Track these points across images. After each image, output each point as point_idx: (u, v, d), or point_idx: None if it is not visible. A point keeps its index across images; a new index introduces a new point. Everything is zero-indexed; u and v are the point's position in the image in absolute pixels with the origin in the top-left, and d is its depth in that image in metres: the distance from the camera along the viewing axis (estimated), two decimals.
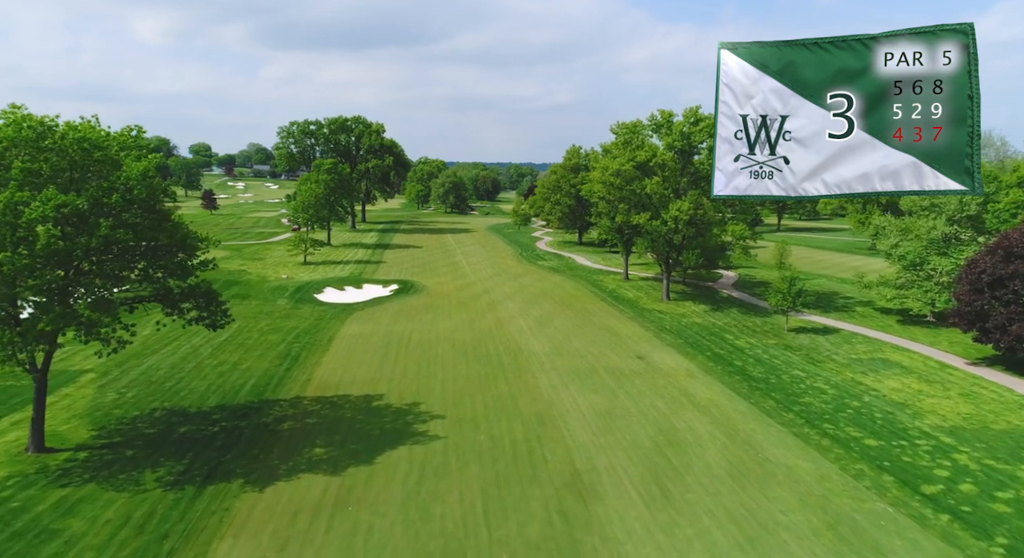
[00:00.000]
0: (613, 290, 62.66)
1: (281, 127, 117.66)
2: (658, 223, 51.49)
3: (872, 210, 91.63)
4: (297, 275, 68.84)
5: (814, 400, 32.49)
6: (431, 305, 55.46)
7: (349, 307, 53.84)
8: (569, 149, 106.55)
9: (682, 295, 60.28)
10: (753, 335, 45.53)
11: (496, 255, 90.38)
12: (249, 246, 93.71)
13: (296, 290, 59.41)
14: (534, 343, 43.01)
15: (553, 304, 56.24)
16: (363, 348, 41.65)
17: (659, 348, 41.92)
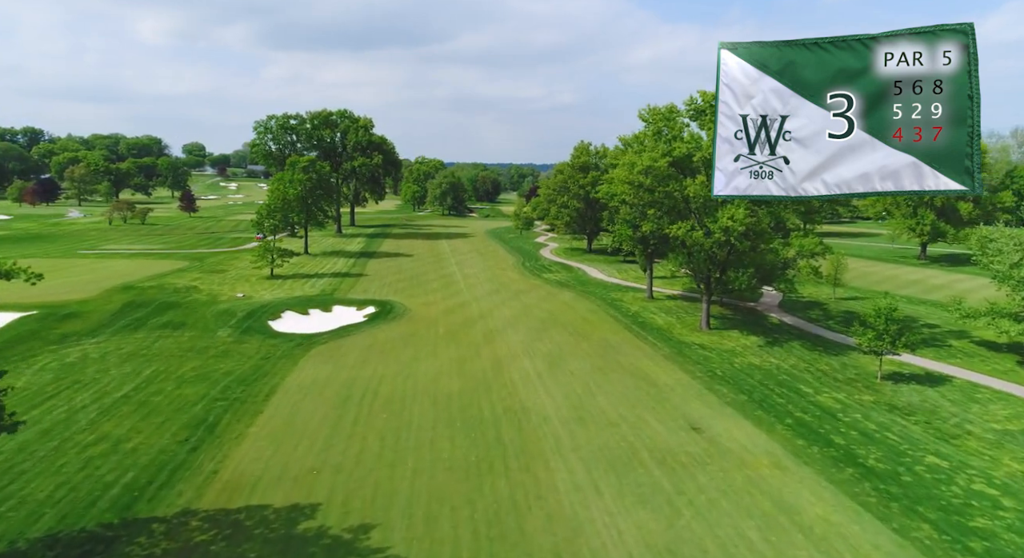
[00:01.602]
0: (637, 314, 51.33)
1: (258, 121, 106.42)
2: (700, 234, 40.10)
3: (925, 214, 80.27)
4: (257, 293, 57.51)
5: (995, 526, 20.76)
6: (413, 336, 44.12)
7: (309, 340, 42.49)
8: (577, 146, 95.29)
9: (723, 321, 48.94)
10: (837, 386, 34.13)
11: (496, 265, 79.05)
12: (216, 254, 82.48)
13: (247, 316, 48.05)
14: (544, 399, 31.69)
15: (565, 334, 44.91)
16: (311, 408, 30.34)
17: (718, 409, 30.55)
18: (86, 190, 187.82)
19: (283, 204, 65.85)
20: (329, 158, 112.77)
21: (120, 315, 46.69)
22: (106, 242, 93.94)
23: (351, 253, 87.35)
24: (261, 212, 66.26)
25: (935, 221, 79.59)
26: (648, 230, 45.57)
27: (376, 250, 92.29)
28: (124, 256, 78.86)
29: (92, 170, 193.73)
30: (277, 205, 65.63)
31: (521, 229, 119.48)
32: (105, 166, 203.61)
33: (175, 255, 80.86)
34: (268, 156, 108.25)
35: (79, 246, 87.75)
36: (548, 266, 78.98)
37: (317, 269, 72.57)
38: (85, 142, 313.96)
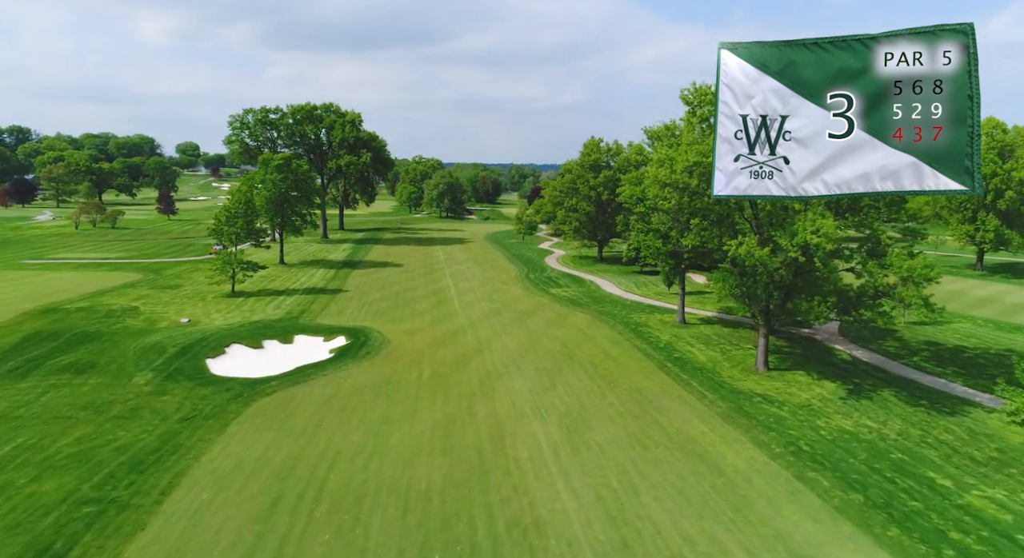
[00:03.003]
0: (671, 346, 41.32)
1: (233, 115, 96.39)
2: (764, 252, 29.99)
3: (988, 220, 70.16)
4: (207, 317, 47.53)
5: None
6: (388, 382, 34.12)
7: (252, 388, 32.49)
8: (587, 142, 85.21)
9: (780, 356, 38.93)
10: (984, 475, 24.00)
11: (496, 278, 69.04)
12: (178, 265, 72.61)
13: (181, 352, 38.03)
14: (567, 502, 21.66)
15: (585, 377, 34.93)
16: (219, 521, 20.33)
17: (829, 524, 20.47)
18: (64, 191, 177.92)
19: (246, 208, 55.72)
20: (313, 156, 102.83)
21: (15, 352, 36.71)
22: (61, 249, 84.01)
23: (333, 263, 77.34)
24: (220, 218, 56.22)
25: (999, 227, 69.56)
26: (691, 243, 35.54)
27: (362, 259, 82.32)
28: (72, 267, 68.88)
29: (72, 169, 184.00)
30: (239, 210, 55.55)
31: (523, 234, 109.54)
32: (87, 165, 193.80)
33: (132, 266, 70.90)
34: (245, 153, 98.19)
35: (26, 254, 77.78)
36: (555, 278, 68.98)
37: (289, 283, 62.55)
38: (74, 141, 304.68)
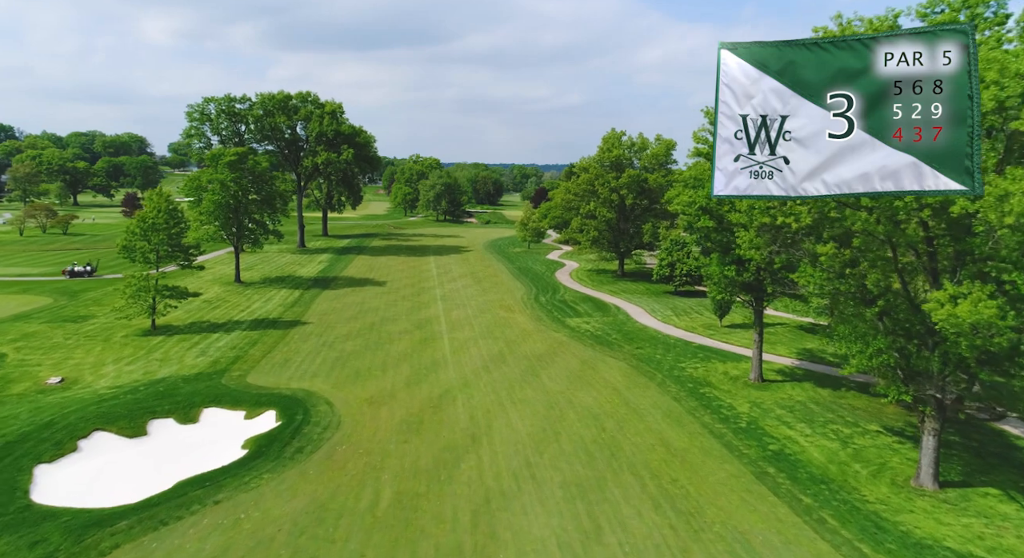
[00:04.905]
0: (756, 425, 27.61)
1: (191, 105, 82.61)
2: (992, 311, 16.38)
3: None
4: (91, 373, 33.78)
5: None
6: (318, 519, 20.34)
7: (79, 539, 18.76)
8: (607, 136, 71.44)
9: (950, 460, 25.16)
10: None
11: (498, 301, 55.29)
12: (109, 283, 58.83)
13: (4, 449, 24.26)
14: None
15: (648, 507, 21.19)
16: None
17: None
18: (32, 192, 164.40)
19: (168, 219, 41.89)
20: (288, 152, 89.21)
21: None
22: None
23: (300, 281, 63.55)
24: (133, 231, 42.39)
25: None
26: (817, 283, 21.84)
27: (338, 274, 68.57)
28: None
29: (42, 168, 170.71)
30: (160, 222, 41.77)
31: (529, 242, 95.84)
32: (59, 164, 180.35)
33: (47, 285, 57.23)
34: (207, 149, 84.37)
35: None
36: (572, 302, 55.22)
37: (234, 313, 48.83)
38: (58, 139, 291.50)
